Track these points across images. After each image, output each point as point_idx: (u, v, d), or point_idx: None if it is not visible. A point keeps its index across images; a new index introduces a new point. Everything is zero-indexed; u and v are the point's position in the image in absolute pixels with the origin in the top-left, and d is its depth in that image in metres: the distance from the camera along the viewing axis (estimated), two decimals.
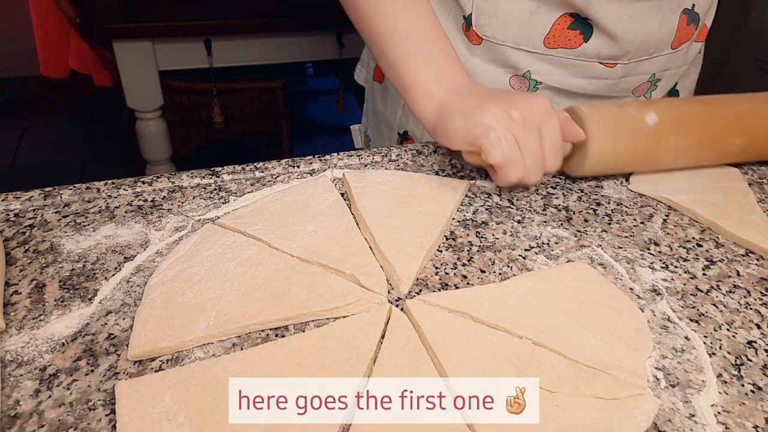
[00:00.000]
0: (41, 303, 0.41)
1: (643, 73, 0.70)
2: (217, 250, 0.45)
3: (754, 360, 0.40)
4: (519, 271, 0.46)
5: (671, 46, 0.69)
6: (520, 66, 0.68)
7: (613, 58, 0.67)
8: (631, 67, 0.68)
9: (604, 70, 0.68)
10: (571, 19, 0.64)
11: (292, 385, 0.35)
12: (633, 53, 0.67)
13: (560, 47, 0.66)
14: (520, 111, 0.50)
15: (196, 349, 0.38)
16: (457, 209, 0.53)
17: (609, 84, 0.70)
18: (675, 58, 0.72)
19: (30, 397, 0.35)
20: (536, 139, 0.50)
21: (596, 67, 0.68)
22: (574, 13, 0.64)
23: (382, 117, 0.83)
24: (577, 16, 0.64)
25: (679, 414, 0.36)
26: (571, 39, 0.65)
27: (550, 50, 0.66)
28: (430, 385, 0.36)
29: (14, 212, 0.50)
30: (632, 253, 0.49)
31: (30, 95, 2.77)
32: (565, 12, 0.64)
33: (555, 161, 0.52)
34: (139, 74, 1.73)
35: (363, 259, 0.45)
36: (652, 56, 0.69)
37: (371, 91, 0.87)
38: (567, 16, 0.64)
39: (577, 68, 0.68)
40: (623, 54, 0.66)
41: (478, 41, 0.68)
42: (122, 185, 0.53)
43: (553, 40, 0.65)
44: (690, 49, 0.73)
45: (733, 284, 0.47)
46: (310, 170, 0.58)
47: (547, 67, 0.68)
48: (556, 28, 0.65)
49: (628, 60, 0.67)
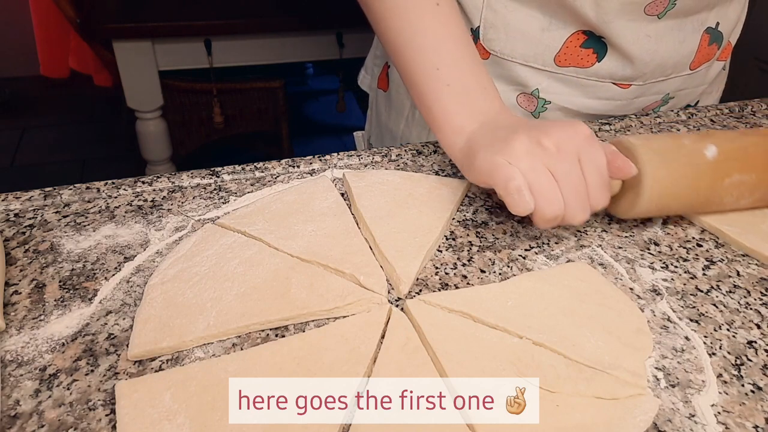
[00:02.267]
0: (41, 303, 0.41)
1: (657, 93, 0.67)
2: (217, 250, 0.45)
3: (754, 360, 0.40)
4: (519, 271, 0.46)
5: (690, 67, 0.66)
6: (529, 84, 0.65)
7: (628, 80, 0.64)
8: (646, 88, 0.65)
9: (617, 91, 0.65)
10: (585, 36, 0.61)
11: (292, 385, 0.35)
12: (649, 75, 0.64)
13: (572, 66, 0.63)
14: (554, 139, 0.44)
15: (196, 349, 0.38)
16: (457, 209, 0.53)
17: (621, 105, 0.67)
18: (692, 79, 0.68)
19: (30, 397, 0.35)
20: (576, 170, 0.43)
21: (609, 87, 0.64)
22: (588, 31, 0.61)
23: (386, 126, 0.81)
24: (591, 34, 0.61)
25: (679, 414, 0.36)
26: (583, 58, 0.62)
27: (560, 68, 0.63)
28: (430, 385, 0.36)
29: (14, 212, 0.50)
30: (632, 253, 0.49)
31: (30, 95, 2.77)
32: (579, 29, 0.61)
33: (601, 197, 0.45)
34: (139, 74, 1.73)
35: (363, 259, 0.45)
36: (669, 77, 0.65)
37: (375, 99, 0.85)
38: (580, 33, 0.61)
39: (589, 88, 0.65)
40: (639, 75, 0.63)
41: (485, 56, 0.65)
42: (122, 185, 0.53)
43: (565, 58, 0.62)
44: (710, 69, 0.70)
45: (733, 284, 0.47)
46: (310, 170, 0.58)
47: (557, 85, 0.65)
48: (568, 45, 0.62)
49: (643, 81, 0.64)
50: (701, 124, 0.71)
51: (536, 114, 0.68)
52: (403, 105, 0.76)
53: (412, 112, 0.75)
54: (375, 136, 0.87)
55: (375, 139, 0.87)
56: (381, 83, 0.82)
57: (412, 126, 0.75)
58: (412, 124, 0.75)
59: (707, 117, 0.73)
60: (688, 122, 0.71)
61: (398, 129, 0.78)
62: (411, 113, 0.75)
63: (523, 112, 0.68)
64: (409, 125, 0.76)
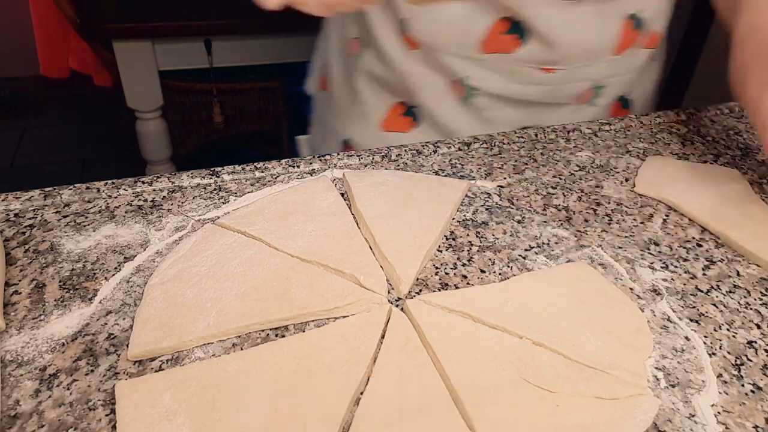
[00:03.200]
0: (41, 303, 0.41)
1: (585, 79, 0.68)
2: (217, 250, 0.45)
3: (754, 360, 0.40)
4: (519, 271, 0.46)
5: (614, 52, 0.67)
6: (457, 72, 0.66)
7: (552, 64, 0.65)
8: (570, 73, 0.66)
9: (543, 75, 0.66)
10: (507, 23, 0.62)
11: (293, 384, 0.35)
12: (572, 59, 0.65)
13: (496, 52, 0.64)
14: None
15: (196, 349, 0.38)
16: (457, 209, 0.53)
17: (549, 90, 0.68)
18: (619, 65, 0.69)
19: (30, 397, 0.35)
20: None
21: (534, 72, 0.66)
22: (510, 17, 0.62)
23: (328, 126, 0.82)
24: (513, 20, 0.62)
25: (679, 414, 0.36)
26: (506, 43, 0.63)
27: (486, 55, 0.64)
28: (429, 385, 0.36)
29: (14, 212, 0.50)
30: (632, 253, 0.49)
31: (30, 95, 2.77)
32: (501, 16, 0.62)
33: None
34: (139, 74, 1.73)
35: (363, 259, 0.45)
36: (594, 62, 0.66)
37: (317, 101, 0.87)
38: (503, 20, 0.62)
39: (515, 74, 0.66)
40: (561, 59, 0.64)
41: (414, 47, 0.66)
42: (122, 185, 0.53)
43: (489, 45, 0.64)
44: (637, 56, 0.71)
45: (733, 284, 0.47)
46: (310, 170, 0.58)
47: (484, 72, 0.66)
48: (491, 32, 0.63)
49: (567, 65, 0.65)
50: (701, 124, 0.71)
51: (467, 101, 0.70)
52: (341, 102, 0.78)
53: (350, 108, 0.77)
54: (318, 138, 0.88)
55: (318, 140, 0.88)
56: (322, 84, 0.83)
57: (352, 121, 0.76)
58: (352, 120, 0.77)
59: (707, 117, 0.73)
60: (688, 122, 0.71)
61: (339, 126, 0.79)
62: (349, 109, 0.77)
63: (455, 100, 0.70)
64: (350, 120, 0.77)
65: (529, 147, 0.64)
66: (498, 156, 0.62)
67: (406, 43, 0.67)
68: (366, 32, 0.72)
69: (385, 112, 0.74)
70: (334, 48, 0.80)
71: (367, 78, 0.74)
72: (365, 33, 0.72)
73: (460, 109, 0.71)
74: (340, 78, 0.79)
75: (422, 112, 0.72)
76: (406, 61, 0.68)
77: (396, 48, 0.68)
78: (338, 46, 0.80)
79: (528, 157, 0.62)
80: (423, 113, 0.73)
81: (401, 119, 0.74)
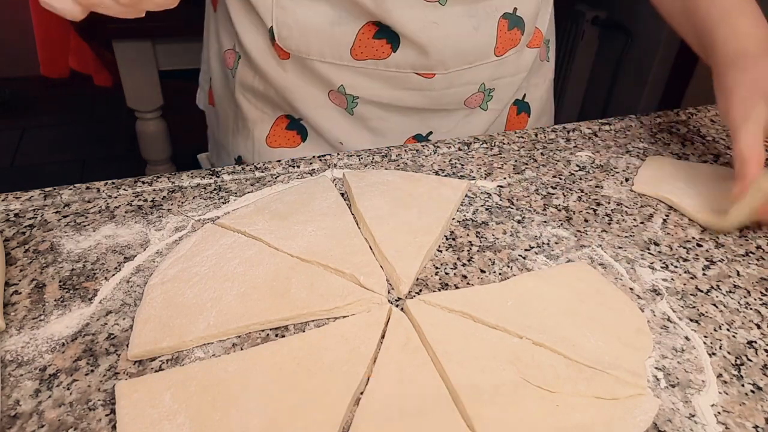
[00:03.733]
0: (41, 303, 0.41)
1: (469, 83, 0.65)
2: (217, 250, 0.45)
3: (754, 360, 0.40)
4: (519, 271, 0.46)
5: (495, 53, 0.64)
6: (333, 80, 0.63)
7: (429, 69, 0.62)
8: (452, 77, 0.64)
9: (422, 81, 0.63)
10: (376, 27, 0.60)
11: (292, 384, 0.35)
12: (449, 62, 0.62)
13: (369, 58, 0.61)
14: None
15: (196, 349, 0.38)
16: (457, 209, 0.53)
17: (433, 96, 0.65)
18: (504, 67, 0.67)
19: (30, 397, 0.35)
20: None
21: (413, 78, 0.63)
22: (378, 22, 0.59)
23: (219, 142, 0.79)
24: (381, 25, 0.60)
25: (679, 414, 0.36)
26: (378, 49, 0.61)
27: (359, 62, 0.62)
28: (429, 385, 0.36)
29: (14, 212, 0.50)
30: (632, 253, 0.49)
31: (30, 95, 2.77)
32: (368, 20, 0.60)
33: None
34: (139, 74, 1.72)
35: (363, 259, 0.45)
36: (474, 65, 0.64)
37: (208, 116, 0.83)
38: (371, 24, 0.60)
39: (393, 80, 0.63)
40: (437, 63, 0.62)
41: (285, 56, 0.63)
42: (122, 185, 0.53)
43: (361, 51, 0.61)
44: (522, 56, 0.68)
45: (733, 284, 0.47)
46: (310, 170, 0.58)
47: (360, 80, 0.63)
48: (360, 38, 0.60)
49: (445, 69, 0.62)
50: (701, 124, 0.71)
51: (350, 111, 0.67)
52: (227, 118, 0.75)
53: (235, 123, 0.73)
54: (214, 155, 0.84)
55: (214, 158, 0.84)
56: (210, 99, 0.79)
57: (237, 138, 0.73)
58: (237, 136, 0.73)
59: (707, 117, 0.73)
60: (688, 122, 0.71)
61: (228, 143, 0.76)
62: (234, 125, 0.73)
63: (338, 110, 0.67)
64: (235, 137, 0.74)
65: (529, 147, 0.64)
66: (498, 156, 0.62)
67: (277, 53, 0.63)
68: (238, 42, 0.67)
69: (269, 126, 0.70)
70: (213, 60, 0.76)
71: (245, 91, 0.70)
72: (237, 43, 0.68)
73: (345, 120, 0.67)
74: (221, 92, 0.75)
75: (308, 124, 0.69)
76: (279, 72, 0.65)
77: (268, 58, 0.64)
78: (216, 58, 0.75)
79: (528, 157, 0.62)
80: (309, 125, 0.69)
81: (286, 134, 0.70)
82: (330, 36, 0.61)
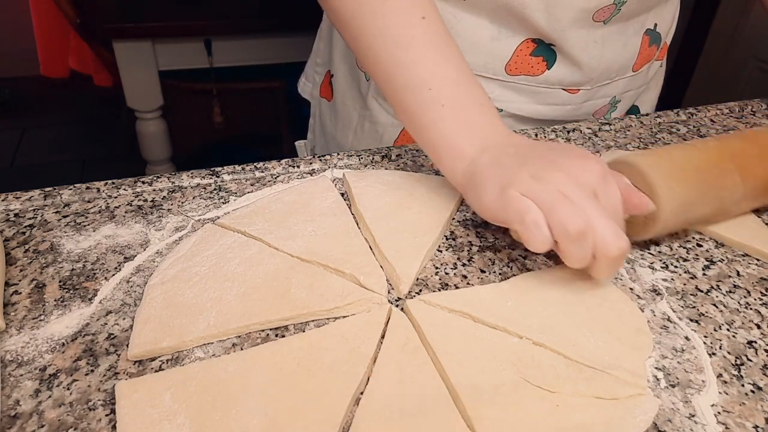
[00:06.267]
0: (41, 303, 0.41)
1: (604, 96, 0.68)
2: (217, 250, 0.45)
3: (754, 360, 0.40)
4: (519, 271, 0.46)
5: (633, 69, 0.67)
6: None
7: (577, 85, 0.64)
8: (593, 91, 0.66)
9: (567, 96, 0.65)
10: (534, 44, 0.61)
11: (292, 384, 0.35)
12: (596, 79, 0.65)
13: (522, 74, 0.63)
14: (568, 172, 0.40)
15: (196, 349, 0.38)
16: (457, 209, 0.53)
17: (570, 109, 0.68)
18: (635, 80, 0.70)
19: (30, 397, 0.35)
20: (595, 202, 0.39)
21: (559, 93, 0.65)
22: (538, 39, 0.61)
23: (332, 137, 0.79)
24: (541, 42, 0.61)
25: (679, 414, 0.36)
26: (533, 66, 0.63)
27: (512, 77, 0.63)
28: (429, 385, 0.36)
29: (14, 212, 0.50)
30: (632, 253, 0.49)
31: (30, 95, 2.77)
32: (528, 37, 0.61)
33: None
34: (139, 74, 1.73)
35: (363, 259, 0.45)
36: (614, 80, 0.67)
37: (318, 108, 0.83)
38: (530, 41, 0.61)
39: (540, 95, 0.65)
40: (587, 80, 0.64)
41: None
42: (122, 185, 0.53)
43: (515, 67, 0.63)
44: (650, 69, 0.71)
45: (733, 284, 0.47)
46: (310, 170, 0.58)
47: (508, 94, 0.65)
48: (518, 54, 0.62)
49: (591, 86, 0.65)
50: (701, 124, 0.71)
51: None
52: (350, 117, 0.74)
53: (360, 124, 0.73)
54: (320, 146, 0.84)
55: (320, 149, 0.84)
56: (324, 92, 0.79)
57: (361, 138, 0.73)
58: (361, 137, 0.73)
59: (707, 117, 0.73)
60: (688, 122, 0.71)
61: (346, 141, 0.76)
62: (360, 126, 0.73)
63: None
64: (358, 138, 0.74)
65: None
66: None
67: None
68: None
69: (398, 131, 0.71)
70: (340, 56, 0.76)
71: (379, 96, 0.70)
72: None
73: None
74: (347, 91, 0.75)
75: None
76: None
77: None
78: (344, 56, 0.75)
79: None
80: None
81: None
82: (488, 51, 0.62)
